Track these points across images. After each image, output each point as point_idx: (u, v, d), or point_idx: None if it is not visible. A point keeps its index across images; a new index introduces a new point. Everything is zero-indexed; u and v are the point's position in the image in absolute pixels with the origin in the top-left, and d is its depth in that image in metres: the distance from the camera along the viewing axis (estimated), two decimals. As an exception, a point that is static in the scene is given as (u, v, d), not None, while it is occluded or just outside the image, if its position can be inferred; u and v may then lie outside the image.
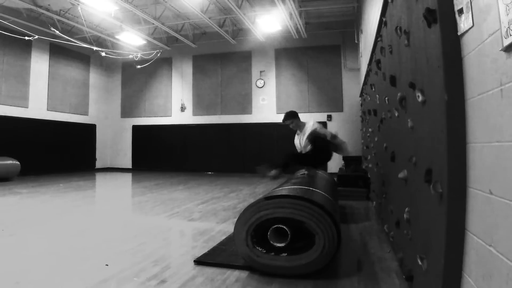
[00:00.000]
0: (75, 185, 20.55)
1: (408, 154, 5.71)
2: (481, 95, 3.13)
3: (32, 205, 13.54)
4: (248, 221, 6.49)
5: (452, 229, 3.56)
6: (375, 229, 9.86)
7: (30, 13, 24.13)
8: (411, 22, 5.14)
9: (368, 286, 5.86)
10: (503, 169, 2.76)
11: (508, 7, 2.59)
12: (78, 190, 18.48)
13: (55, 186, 19.70)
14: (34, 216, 11.49)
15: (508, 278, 2.66)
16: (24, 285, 5.68)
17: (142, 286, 5.75)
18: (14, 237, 8.68)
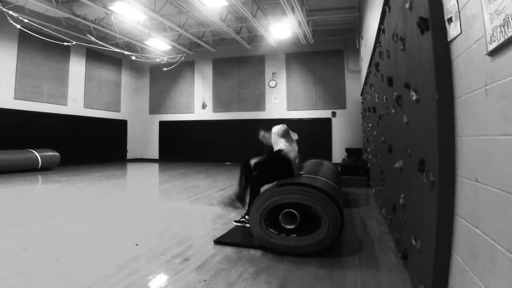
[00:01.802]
0: (108, 174, 20.64)
1: (403, 146, 5.71)
2: (468, 94, 3.13)
3: (70, 192, 13.60)
4: (261, 206, 6.51)
5: (442, 213, 3.57)
6: (374, 213, 9.86)
7: (69, 22, 24.17)
8: (406, 30, 5.13)
9: (368, 263, 5.88)
10: (487, 160, 2.77)
11: (492, 16, 2.59)
12: (111, 178, 18.56)
13: (91, 175, 19.79)
14: (72, 201, 11.55)
15: (492, 256, 2.66)
16: (63, 262, 5.72)
17: (168, 264, 5.79)
18: (54, 220, 8.72)
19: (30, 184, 15.35)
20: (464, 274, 3.19)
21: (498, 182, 2.61)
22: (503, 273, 2.51)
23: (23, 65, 22.73)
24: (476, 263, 2.95)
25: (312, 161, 12.44)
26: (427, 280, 3.89)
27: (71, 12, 21.42)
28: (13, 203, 10.91)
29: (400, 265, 5.73)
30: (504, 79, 2.51)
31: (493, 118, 2.68)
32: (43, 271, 5.31)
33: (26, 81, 22.92)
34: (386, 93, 7.84)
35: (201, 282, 4.99)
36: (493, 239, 2.67)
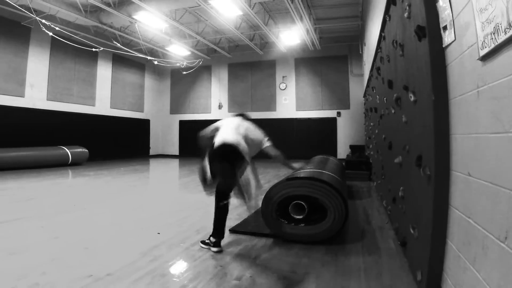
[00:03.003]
0: (133, 168, 20.69)
1: (402, 143, 5.71)
2: (461, 96, 3.14)
3: (98, 185, 13.65)
4: (273, 198, 6.53)
5: (438, 204, 3.58)
6: (375, 204, 9.85)
7: (96, 29, 24.24)
8: (405, 37, 5.13)
9: (370, 250, 5.89)
10: (479, 156, 2.78)
11: (483, 24, 2.60)
12: (135, 172, 18.60)
13: (116, 169, 19.86)
14: (100, 194, 11.60)
15: (483, 244, 2.68)
16: (91, 249, 5.76)
17: (187, 251, 5.83)
18: (83, 211, 8.77)
19: (61, 178, 15.42)
20: (458, 260, 3.20)
21: (489, 176, 2.62)
22: (493, 259, 2.52)
23: (55, 69, 22.87)
24: (469, 250, 2.96)
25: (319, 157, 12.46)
26: (424, 266, 3.90)
27: (98, 21, 21.52)
28: (46, 196, 10.97)
29: (399, 252, 5.74)
30: (494, 82, 2.52)
31: (484, 117, 2.70)
32: (73, 257, 5.35)
33: (57, 83, 23.05)
34: (387, 95, 7.83)
35: (217, 267, 5.02)
36: (484, 228, 2.69)
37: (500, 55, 2.42)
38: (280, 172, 18.04)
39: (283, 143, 28.47)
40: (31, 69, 21.35)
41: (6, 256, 5.16)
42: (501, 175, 2.45)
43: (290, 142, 28.58)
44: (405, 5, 4.84)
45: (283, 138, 28.56)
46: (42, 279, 4.48)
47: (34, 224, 7.38)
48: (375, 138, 12.09)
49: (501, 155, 2.45)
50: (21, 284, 4.29)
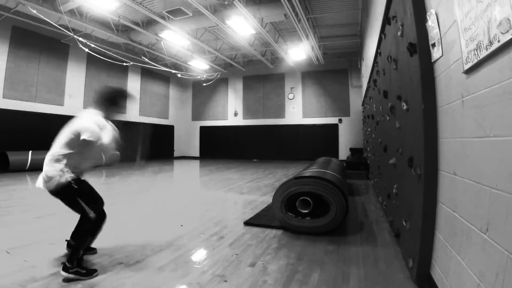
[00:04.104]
0: (159, 169, 20.74)
1: (396, 146, 5.72)
2: (448, 104, 3.16)
3: (128, 183, 13.71)
4: (282, 194, 6.55)
5: (427, 200, 3.59)
6: (372, 200, 9.82)
7: (127, 46, 24.39)
8: (398, 53, 5.13)
9: (368, 240, 5.89)
10: (463, 157, 2.80)
11: (467, 42, 2.62)
12: (161, 172, 18.65)
13: (144, 169, 19.93)
14: (129, 190, 11.66)
15: (467, 235, 2.70)
16: (121, 239, 5.80)
17: (207, 241, 5.85)
18: (115, 206, 8.80)
19: (96, 177, 15.48)
20: (445, 249, 3.21)
21: (472, 175, 2.64)
22: (476, 248, 2.54)
23: (90, 81, 23.00)
24: (455, 240, 2.97)
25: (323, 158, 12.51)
26: (415, 254, 3.90)
27: (129, 39, 21.67)
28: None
29: (393, 242, 5.73)
30: (477, 92, 2.54)
31: (468, 124, 2.71)
32: (107, 246, 5.38)
33: (92, 94, 23.10)
34: (382, 104, 7.83)
35: (233, 255, 5.03)
36: (468, 221, 2.70)
37: (482, 69, 2.43)
38: (289, 172, 18.06)
39: (291, 145, 28.90)
40: (70, 81, 21.54)
41: (47, 246, 5.20)
42: (482, 174, 2.46)
43: (298, 145, 28.87)
44: (399, 25, 4.85)
45: (291, 141, 28.91)
46: (80, 265, 4.52)
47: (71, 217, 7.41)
48: (372, 142, 12.08)
49: (482, 157, 2.46)
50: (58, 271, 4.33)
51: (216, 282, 4.12)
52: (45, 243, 5.40)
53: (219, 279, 4.20)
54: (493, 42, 2.21)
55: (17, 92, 18.20)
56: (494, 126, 2.29)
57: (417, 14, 3.87)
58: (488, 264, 2.32)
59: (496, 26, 2.15)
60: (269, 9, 16.46)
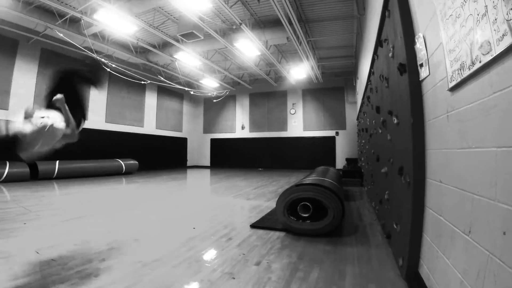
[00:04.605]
0: (173, 177, 20.69)
1: (387, 157, 5.72)
2: (434, 119, 3.17)
3: (145, 190, 13.68)
4: (284, 200, 6.56)
5: (416, 205, 3.60)
6: (366, 205, 9.79)
7: (144, 66, 24.50)
8: (390, 72, 5.15)
9: (362, 241, 5.88)
10: (448, 167, 2.82)
11: (452, 63, 2.65)
12: (175, 180, 18.60)
13: (160, 177, 19.87)
14: (147, 197, 11.63)
15: (452, 236, 2.71)
16: (141, 241, 5.81)
17: (217, 242, 5.85)
18: (134, 211, 8.82)
19: (116, 184, 15.49)
20: (432, 249, 3.21)
21: (456, 182, 2.65)
22: (459, 249, 2.54)
23: (112, 97, 23.11)
24: (440, 242, 2.98)
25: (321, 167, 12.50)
26: (405, 254, 3.90)
27: (146, 59, 21.81)
28: (104, 198, 11.04)
29: (385, 243, 5.72)
30: (460, 108, 2.56)
31: (452, 136, 2.73)
32: (126, 247, 5.40)
33: (113, 109, 23.31)
34: (375, 118, 7.84)
35: (240, 255, 5.04)
36: (452, 223, 2.71)
37: (465, 87, 2.46)
38: (291, 180, 18.04)
39: (292, 155, 28.92)
40: (93, 98, 21.62)
41: (72, 247, 5.21)
42: (465, 182, 2.48)
43: (299, 156, 28.82)
44: (390, 47, 4.87)
45: (293, 152, 28.93)
46: (102, 264, 4.53)
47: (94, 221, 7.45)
48: (366, 152, 12.08)
49: (465, 166, 2.48)
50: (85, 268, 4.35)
51: (225, 279, 4.13)
52: (71, 244, 5.42)
53: (227, 276, 4.21)
54: (475, 62, 2.23)
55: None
56: (476, 138, 2.31)
57: (406, 37, 3.90)
58: (471, 262, 2.32)
59: (478, 48, 2.18)
60: (273, 32, 16.56)
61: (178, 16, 15.77)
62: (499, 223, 1.96)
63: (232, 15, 13.91)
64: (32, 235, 4.98)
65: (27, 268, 4.32)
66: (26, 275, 4.09)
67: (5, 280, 3.91)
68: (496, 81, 2.02)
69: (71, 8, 14.12)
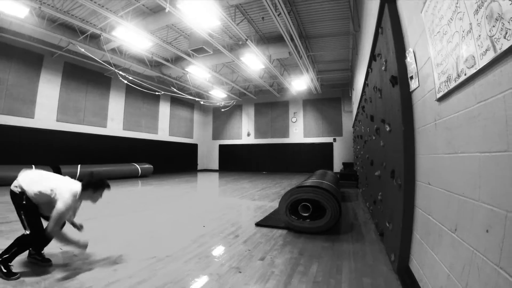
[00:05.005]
0: (185, 179, 20.68)
1: (380, 161, 5.72)
2: (424, 126, 3.18)
3: (159, 192, 13.68)
4: (286, 200, 6.58)
5: (407, 205, 3.60)
6: (361, 205, 9.77)
7: (159, 78, 24.52)
8: (382, 84, 5.15)
9: (358, 238, 5.87)
10: (436, 170, 2.82)
11: (439, 75, 2.67)
12: (187, 182, 18.59)
13: (173, 180, 19.87)
14: (160, 198, 11.63)
15: (439, 234, 2.71)
16: (155, 238, 5.84)
17: (225, 239, 5.86)
18: (149, 211, 8.83)
19: (133, 186, 15.51)
20: (421, 246, 3.21)
21: (443, 184, 2.66)
22: (446, 245, 2.55)
23: (128, 107, 23.24)
24: (429, 239, 2.98)
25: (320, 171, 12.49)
26: (396, 250, 3.90)
27: (160, 72, 21.88)
28: (122, 199, 11.05)
29: (378, 240, 5.72)
30: (447, 117, 2.57)
31: (439, 142, 2.74)
32: (142, 244, 5.42)
33: (130, 118, 23.42)
34: (369, 126, 7.83)
35: (246, 251, 5.05)
36: (440, 222, 2.71)
37: (452, 97, 2.47)
38: (293, 182, 18.02)
39: (294, 159, 28.85)
40: (112, 107, 21.79)
41: (93, 243, 5.21)
42: (452, 184, 2.48)
43: (299, 160, 28.84)
44: (383, 61, 4.88)
45: (294, 157, 28.89)
46: (119, 259, 4.55)
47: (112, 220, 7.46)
48: (361, 157, 12.06)
49: (452, 170, 2.49)
50: (105, 263, 4.37)
51: (232, 273, 4.13)
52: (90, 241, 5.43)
53: (234, 270, 4.22)
54: (460, 75, 2.25)
55: (68, 116, 18.48)
56: (461, 144, 2.32)
57: (398, 52, 3.91)
58: (457, 258, 2.33)
59: (463, 62, 2.19)
60: (276, 48, 16.63)
61: (189, 32, 15.87)
62: (482, 221, 1.97)
63: (238, 32, 13.97)
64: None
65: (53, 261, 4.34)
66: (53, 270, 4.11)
67: (32, 273, 3.93)
68: (479, 92, 2.03)
69: (91, 26, 14.25)
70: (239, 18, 14.52)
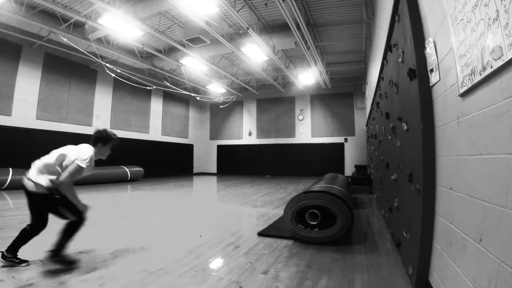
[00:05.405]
0: (179, 184, 20.73)
1: (397, 163, 5.72)
2: (445, 125, 3.17)
3: (151, 197, 13.70)
4: (292, 207, 6.57)
5: (426, 213, 3.59)
6: (375, 213, 9.78)
7: (150, 71, 24.68)
8: (399, 77, 5.15)
9: (372, 249, 5.87)
10: (459, 173, 2.82)
11: (462, 68, 2.65)
12: (181, 187, 18.65)
13: (166, 184, 19.94)
14: (152, 204, 11.65)
15: (462, 244, 2.71)
16: (147, 249, 5.85)
17: (223, 250, 5.87)
18: (140, 218, 8.85)
19: (122, 192, 15.54)
20: (442, 257, 3.21)
21: (467, 190, 2.66)
22: (470, 257, 2.55)
23: (116, 103, 23.30)
24: (451, 250, 2.98)
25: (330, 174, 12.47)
26: (415, 262, 3.90)
27: (152, 65, 21.99)
28: (110, 205, 11.08)
29: (394, 251, 5.72)
30: (471, 114, 2.56)
31: (462, 143, 2.74)
32: (132, 255, 5.43)
33: (118, 115, 23.48)
34: (384, 124, 7.84)
35: (248, 264, 5.05)
36: (463, 231, 2.71)
37: (476, 92, 2.46)
38: (299, 187, 18.03)
39: (300, 162, 28.84)
40: (98, 103, 21.86)
41: (77, 254, 5.24)
42: (477, 189, 2.48)
43: (307, 162, 28.82)
44: (399, 52, 4.87)
45: (301, 159, 28.88)
46: (106, 272, 4.56)
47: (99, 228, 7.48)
48: (375, 159, 12.06)
49: (477, 173, 2.48)
50: (89, 277, 4.37)
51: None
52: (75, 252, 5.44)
53: (234, 285, 4.22)
54: (486, 67, 2.24)
55: (49, 114, 18.54)
56: (487, 145, 2.31)
57: (416, 42, 3.91)
58: (482, 271, 2.33)
59: (489, 53, 2.18)
60: (280, 37, 16.61)
61: (184, 20, 15.87)
62: (510, 231, 1.96)
63: (239, 20, 13.96)
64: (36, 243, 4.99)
65: (31, 276, 4.34)
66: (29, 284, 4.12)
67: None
68: (507, 87, 2.02)
69: (75, 13, 14.25)
70: (239, 5, 14.51)
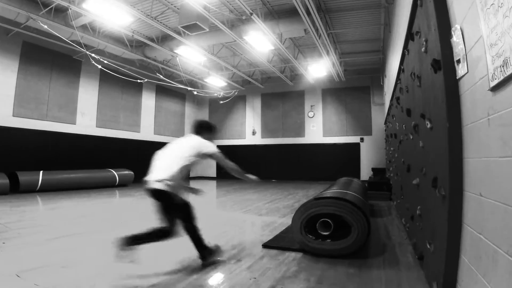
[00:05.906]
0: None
1: (419, 166, 5.72)
2: (473, 123, 3.17)
3: (141, 204, 13.70)
4: (302, 216, 6.58)
5: (452, 222, 3.59)
6: (395, 222, 9.79)
7: (141, 63, 24.74)
8: (422, 69, 5.15)
9: (391, 264, 5.88)
10: (490, 178, 2.80)
11: (493, 58, 2.64)
12: (177, 192, 18.56)
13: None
14: (143, 211, 11.68)
15: (493, 258, 2.70)
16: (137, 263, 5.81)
17: (224, 264, 5.90)
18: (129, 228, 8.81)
19: (110, 198, 15.59)
20: (470, 272, 3.21)
21: (499, 196, 2.64)
22: (502, 272, 2.54)
23: (103, 99, 23.34)
24: (480, 264, 2.97)
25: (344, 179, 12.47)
26: (439, 277, 3.90)
27: (143, 55, 21.99)
28: (96, 214, 11.12)
29: (417, 265, 5.72)
30: (503, 110, 2.55)
31: (494, 143, 2.73)
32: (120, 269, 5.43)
33: (105, 112, 23.52)
34: (405, 122, 7.84)
35: (251, 279, 5.06)
36: (494, 243, 2.71)
37: (509, 86, 2.45)
38: (309, 192, 18.04)
39: (311, 165, 28.85)
40: (82, 99, 21.88)
41: (58, 269, 5.26)
42: (509, 195, 2.47)
43: (318, 165, 28.80)
44: (422, 41, 4.87)
45: (311, 161, 28.85)
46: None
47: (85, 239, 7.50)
48: (395, 161, 12.07)
49: (510, 177, 2.47)
50: None
51: (234, 306, 4.15)
52: (57, 266, 5.47)
53: (236, 303, 4.23)
54: (520, 58, 2.24)
55: (27, 110, 18.56)
56: (521, 145, 2.31)
57: (441, 29, 3.90)
58: (515, 287, 2.33)
59: (524, 42, 2.18)
60: (288, 24, 16.59)
61: (179, 5, 15.85)
62: (547, 242, 1.97)
63: (241, 4, 13.96)
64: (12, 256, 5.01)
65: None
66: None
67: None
68: (544, 80, 2.02)
69: (57, -3, 14.25)
70: (242, -13, 14.52)
